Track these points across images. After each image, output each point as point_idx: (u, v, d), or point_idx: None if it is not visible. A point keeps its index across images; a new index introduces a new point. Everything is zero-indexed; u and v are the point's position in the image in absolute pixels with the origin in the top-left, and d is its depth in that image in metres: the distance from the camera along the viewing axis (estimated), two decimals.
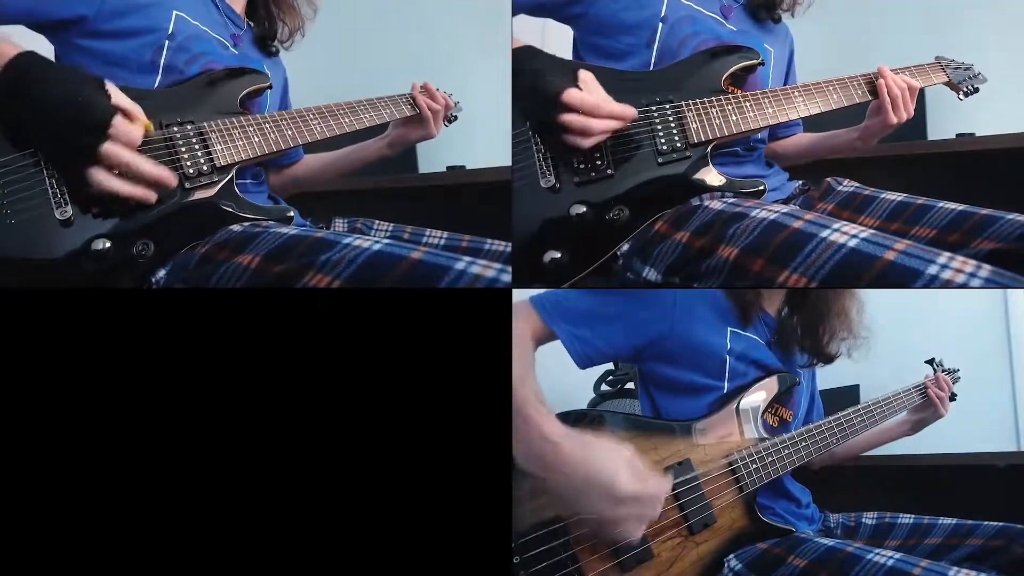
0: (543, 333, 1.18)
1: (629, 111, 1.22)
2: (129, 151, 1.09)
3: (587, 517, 1.00)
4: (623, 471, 0.98)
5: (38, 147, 1.09)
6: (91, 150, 1.07)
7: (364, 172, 1.62)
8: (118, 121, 1.07)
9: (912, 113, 1.37)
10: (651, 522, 1.08)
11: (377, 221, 1.48)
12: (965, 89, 1.44)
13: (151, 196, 1.13)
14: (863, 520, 1.43)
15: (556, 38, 1.41)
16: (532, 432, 0.99)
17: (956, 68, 1.44)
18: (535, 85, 1.20)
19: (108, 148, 1.07)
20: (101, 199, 1.12)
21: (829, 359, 1.36)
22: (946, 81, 1.43)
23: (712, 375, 1.24)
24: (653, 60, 1.30)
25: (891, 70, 1.35)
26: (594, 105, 1.19)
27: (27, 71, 1.07)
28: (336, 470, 1.17)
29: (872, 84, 1.35)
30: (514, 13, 1.33)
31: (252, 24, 1.44)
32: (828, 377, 1.50)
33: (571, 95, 1.19)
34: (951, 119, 2.14)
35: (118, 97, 1.09)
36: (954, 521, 1.38)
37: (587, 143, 1.20)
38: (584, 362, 1.21)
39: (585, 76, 1.21)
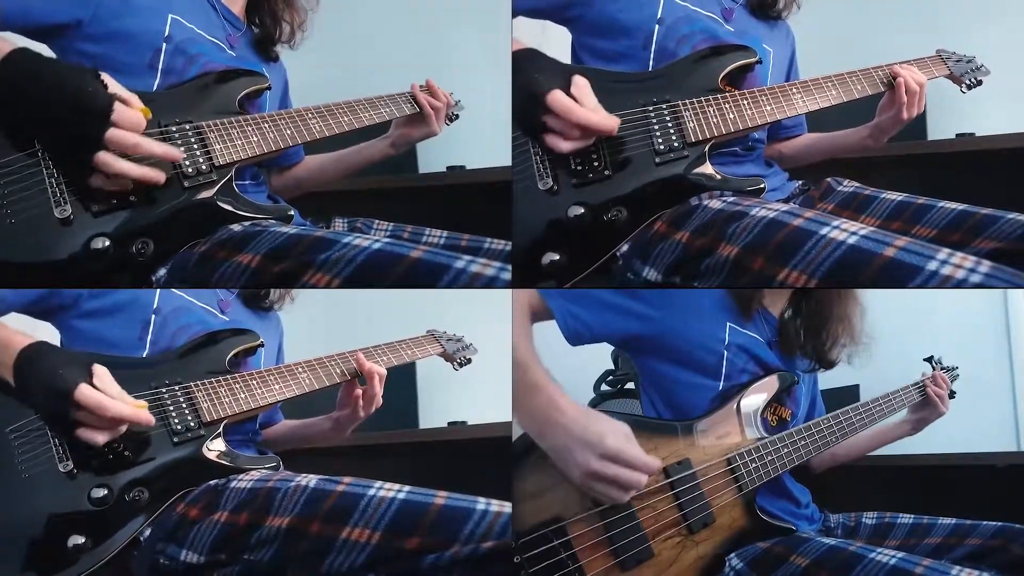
0: (539, 307, 1.21)
1: (607, 123, 1.18)
2: (134, 134, 1.09)
3: (572, 475, 1.05)
4: (613, 433, 1.05)
5: (40, 141, 1.09)
6: (96, 138, 1.07)
7: (364, 172, 1.61)
8: (119, 107, 1.08)
9: (923, 108, 1.33)
10: (650, 519, 1.09)
11: (377, 221, 1.48)
12: (967, 82, 1.39)
13: (160, 177, 1.13)
14: (863, 520, 1.43)
15: (556, 40, 1.41)
16: (541, 399, 1.07)
17: (958, 61, 1.40)
18: (526, 84, 1.19)
19: (113, 133, 1.07)
20: (105, 192, 1.12)
21: (830, 364, 1.36)
22: (948, 74, 1.39)
23: (708, 371, 1.24)
24: (651, 62, 1.30)
25: (892, 64, 1.33)
26: (567, 110, 1.16)
27: (23, 67, 1.07)
28: None
29: (872, 79, 1.32)
30: (513, 15, 1.32)
31: (252, 26, 1.43)
32: (828, 377, 1.50)
33: (553, 97, 1.17)
34: (951, 119, 2.14)
35: (115, 86, 1.10)
36: (954, 521, 1.38)
37: (564, 147, 1.19)
38: (574, 338, 1.23)
39: (579, 81, 1.19)
